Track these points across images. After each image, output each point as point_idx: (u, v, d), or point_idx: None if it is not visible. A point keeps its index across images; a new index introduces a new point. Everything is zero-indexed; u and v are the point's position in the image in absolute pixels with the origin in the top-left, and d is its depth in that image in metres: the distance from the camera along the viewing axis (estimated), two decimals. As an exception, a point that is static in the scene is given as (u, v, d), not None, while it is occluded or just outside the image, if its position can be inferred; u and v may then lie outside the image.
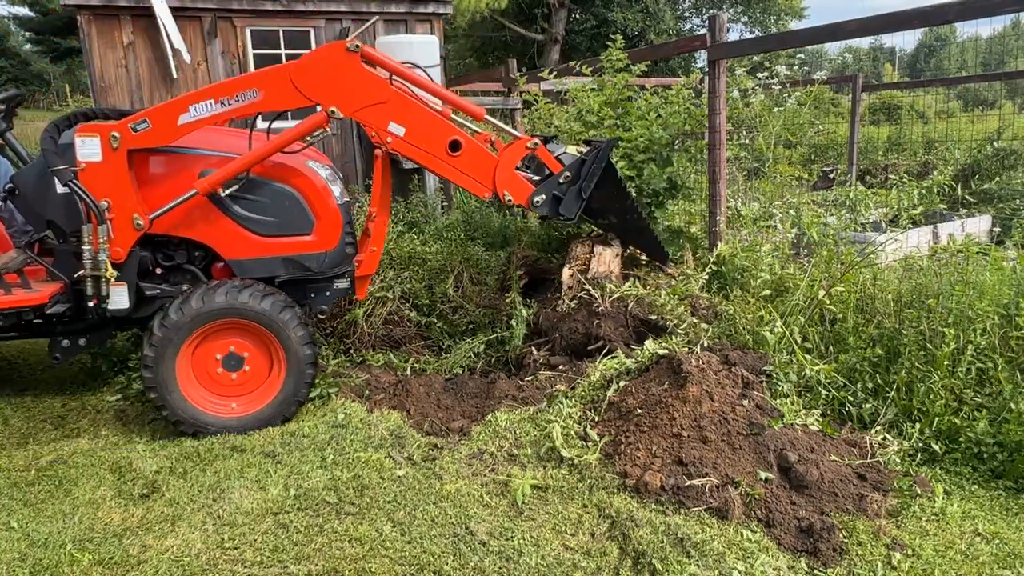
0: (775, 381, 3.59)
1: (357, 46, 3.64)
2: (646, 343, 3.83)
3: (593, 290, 4.32)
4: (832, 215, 5.14)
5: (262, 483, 3.26)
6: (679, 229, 5.37)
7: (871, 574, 2.57)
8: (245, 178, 3.81)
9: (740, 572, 2.57)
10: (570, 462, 3.26)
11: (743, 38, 17.50)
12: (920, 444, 3.33)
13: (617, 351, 3.94)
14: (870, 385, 3.62)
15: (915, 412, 3.46)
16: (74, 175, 3.57)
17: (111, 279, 3.69)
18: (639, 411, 3.33)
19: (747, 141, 5.52)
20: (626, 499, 3.00)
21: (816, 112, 14.62)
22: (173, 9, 7.26)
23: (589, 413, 3.56)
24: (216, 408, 3.81)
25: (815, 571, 2.60)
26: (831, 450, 3.20)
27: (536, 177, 4.11)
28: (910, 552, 2.68)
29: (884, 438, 3.37)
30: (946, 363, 3.44)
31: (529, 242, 5.65)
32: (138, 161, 3.76)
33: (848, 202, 5.38)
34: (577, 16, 26.00)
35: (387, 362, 4.73)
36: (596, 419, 3.51)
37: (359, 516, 3.00)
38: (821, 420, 3.46)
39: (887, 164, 11.18)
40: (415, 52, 6.94)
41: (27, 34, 36.06)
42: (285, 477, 3.31)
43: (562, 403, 3.63)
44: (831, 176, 8.77)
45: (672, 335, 3.97)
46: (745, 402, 3.30)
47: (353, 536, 2.86)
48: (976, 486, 3.11)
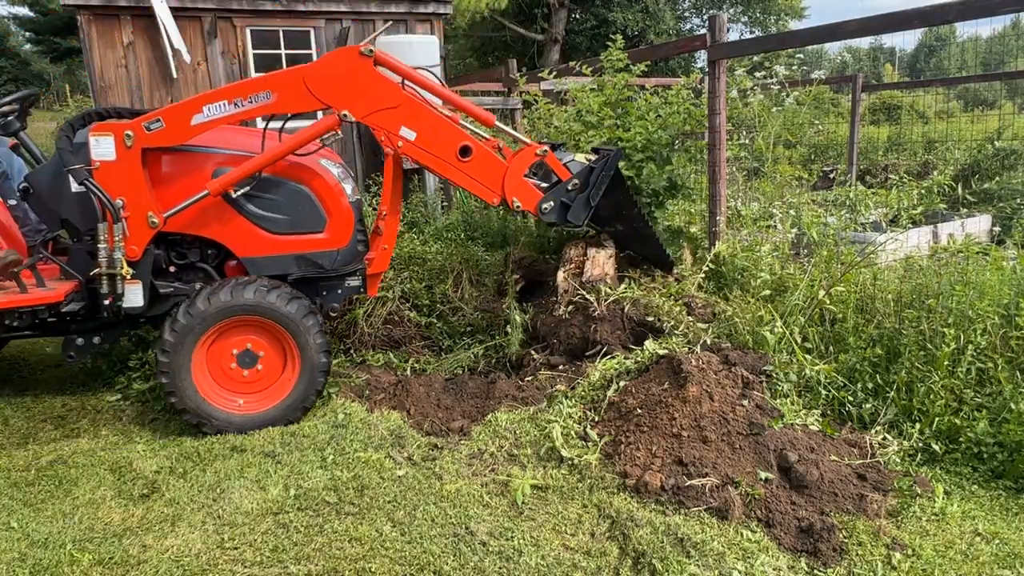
0: (775, 381, 3.59)
1: (371, 50, 3.65)
2: (646, 343, 3.83)
3: (588, 294, 4.30)
4: (832, 215, 5.14)
5: (262, 483, 3.26)
6: (679, 229, 5.37)
7: (871, 574, 2.57)
8: (257, 179, 3.83)
9: (740, 572, 2.57)
10: (570, 462, 3.26)
11: (743, 38, 17.52)
12: (920, 444, 3.33)
13: (616, 353, 3.94)
14: (870, 385, 3.62)
15: (915, 412, 3.46)
16: (89, 174, 3.58)
17: (126, 277, 3.70)
18: (639, 411, 3.33)
19: (747, 141, 5.52)
20: (626, 499, 3.00)
21: (816, 112, 14.63)
22: (173, 9, 7.25)
23: (589, 413, 3.56)
24: (223, 402, 3.81)
25: (815, 571, 2.60)
26: (831, 450, 3.20)
27: (544, 184, 4.12)
28: (910, 552, 2.68)
29: (884, 438, 3.37)
30: (946, 363, 3.44)
31: (527, 243, 5.65)
32: (152, 160, 3.77)
33: (848, 202, 5.39)
34: (577, 16, 25.99)
35: (387, 362, 4.73)
36: (596, 419, 3.51)
37: (359, 516, 3.00)
38: (821, 420, 3.46)
39: (887, 164, 11.17)
40: (415, 52, 6.93)
41: (27, 34, 36.05)
42: (285, 477, 3.31)
43: (562, 403, 3.63)
44: (831, 176, 8.77)
45: (670, 336, 3.96)
46: (745, 402, 3.30)
47: (353, 536, 2.86)
48: (976, 486, 3.11)
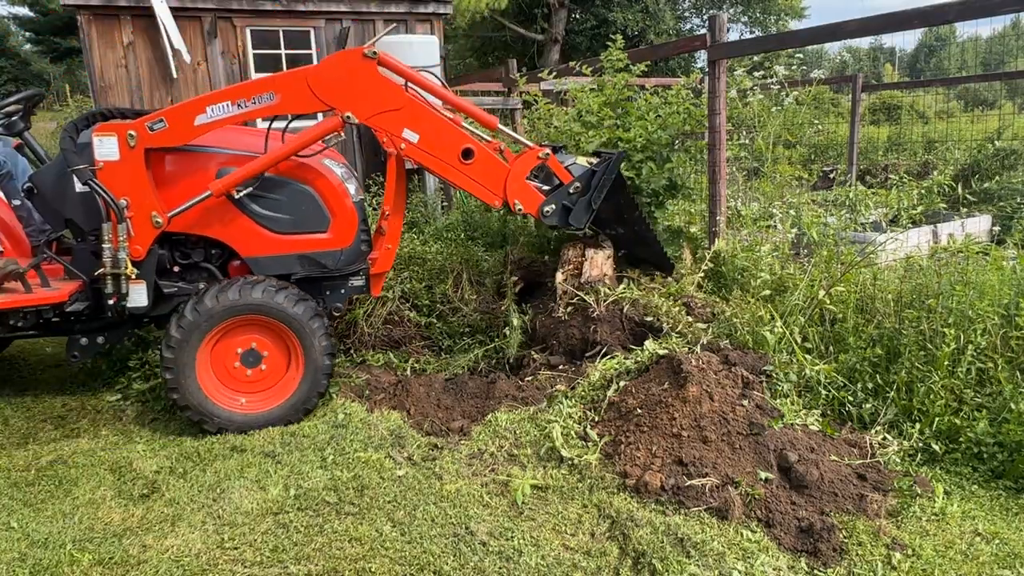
0: (775, 381, 3.59)
1: (375, 52, 3.66)
2: (646, 343, 3.83)
3: (587, 295, 4.29)
4: (832, 215, 5.14)
5: (262, 483, 3.26)
6: (679, 229, 5.36)
7: (871, 574, 2.57)
8: (259, 180, 3.83)
9: (740, 572, 2.57)
10: (570, 462, 3.26)
11: (743, 38, 17.52)
12: (920, 444, 3.33)
13: (616, 353, 3.93)
14: (870, 385, 3.62)
15: (915, 412, 3.46)
16: (93, 174, 3.59)
17: (131, 277, 3.71)
18: (639, 411, 3.33)
19: (747, 141, 5.52)
20: (626, 499, 3.00)
21: (816, 112, 14.62)
22: (173, 9, 7.25)
23: (589, 413, 3.56)
24: (225, 401, 3.82)
25: (815, 571, 2.60)
26: (831, 450, 3.20)
27: (545, 187, 4.13)
28: (910, 552, 2.68)
29: (884, 438, 3.37)
30: (946, 363, 3.44)
31: (527, 243, 5.64)
32: (155, 159, 3.78)
33: (848, 202, 5.39)
34: (577, 16, 25.98)
35: (387, 362, 4.73)
36: (596, 419, 3.51)
37: (359, 516, 3.00)
38: (821, 420, 3.46)
39: (887, 164, 11.17)
40: (415, 52, 6.93)
41: (27, 34, 36.04)
42: (285, 477, 3.31)
43: (562, 403, 3.63)
44: (831, 176, 8.77)
45: (669, 336, 3.96)
46: (745, 402, 3.30)
47: (353, 536, 2.86)
48: (976, 486, 3.11)
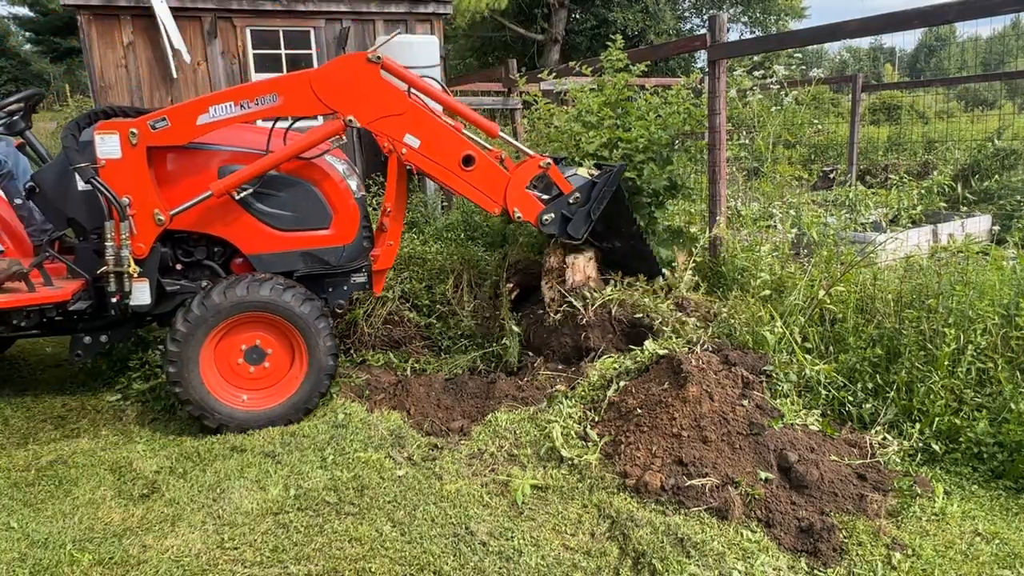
0: (775, 381, 3.59)
1: (379, 57, 3.67)
2: (646, 343, 3.83)
3: (575, 301, 4.25)
4: (832, 215, 5.14)
5: (262, 483, 3.26)
6: (679, 229, 5.36)
7: (871, 574, 2.57)
8: (260, 181, 3.84)
9: (740, 572, 2.57)
10: (570, 462, 3.26)
11: (743, 38, 17.52)
12: (920, 444, 3.33)
13: (611, 356, 3.93)
14: (870, 385, 3.62)
15: (915, 412, 3.46)
16: (95, 172, 3.59)
17: (133, 275, 3.71)
18: (639, 411, 3.33)
19: (747, 141, 5.52)
20: (626, 499, 3.00)
21: (816, 112, 14.61)
22: (173, 9, 7.25)
23: (589, 413, 3.56)
24: (227, 397, 3.82)
25: (815, 571, 2.60)
26: (831, 450, 3.20)
27: (545, 196, 4.14)
28: (910, 552, 2.68)
29: (884, 438, 3.37)
30: (946, 363, 3.44)
31: (526, 243, 5.64)
32: (157, 157, 3.78)
33: (848, 202, 5.39)
34: (577, 16, 25.97)
35: (387, 362, 4.73)
36: (596, 419, 3.51)
37: (359, 516, 3.00)
38: (821, 420, 3.46)
39: (887, 164, 11.16)
40: (415, 52, 6.92)
41: (27, 34, 36.05)
42: (285, 477, 3.31)
43: (562, 403, 3.63)
44: (831, 176, 8.77)
45: (661, 330, 3.94)
46: (745, 402, 3.30)
47: (353, 536, 2.86)
48: (976, 486, 3.11)
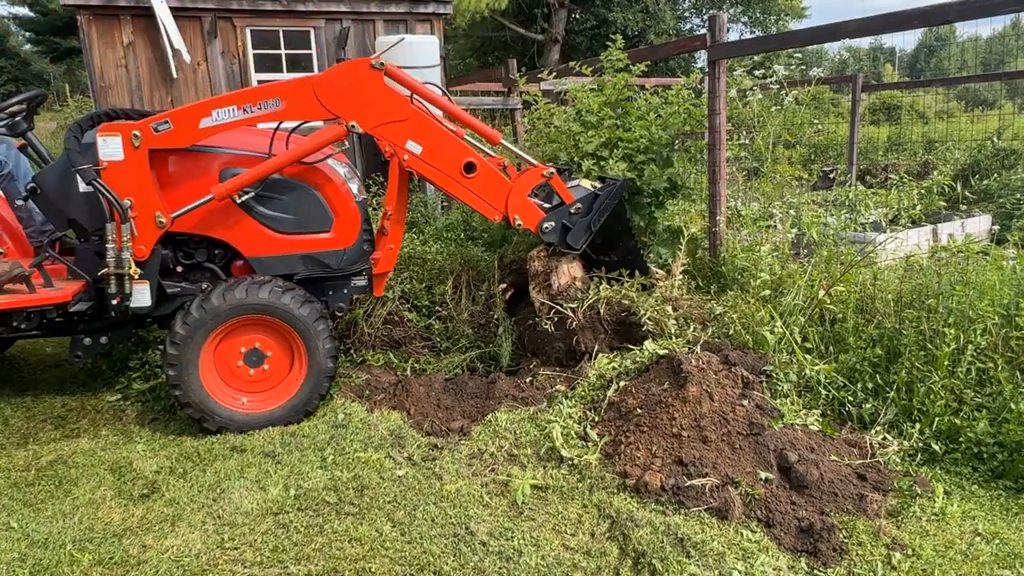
0: (775, 381, 3.59)
1: (382, 63, 3.67)
2: (645, 343, 3.82)
3: (564, 304, 4.22)
4: (832, 215, 5.14)
5: (262, 483, 3.26)
6: (679, 229, 5.35)
7: (871, 574, 2.57)
8: (262, 184, 3.84)
9: (740, 572, 2.57)
10: (570, 462, 3.26)
11: (743, 38, 17.52)
12: (920, 444, 3.33)
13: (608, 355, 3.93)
14: (870, 385, 3.62)
15: (915, 412, 3.46)
16: (97, 174, 3.60)
17: (134, 277, 3.71)
18: (639, 411, 3.33)
19: (747, 141, 5.51)
20: (626, 499, 3.00)
21: (816, 112, 14.62)
22: (173, 9, 7.25)
23: (589, 413, 3.56)
24: (227, 400, 3.82)
25: (815, 571, 2.60)
26: (831, 450, 3.20)
27: (546, 205, 4.15)
28: (910, 552, 2.68)
29: (884, 438, 3.37)
30: (946, 363, 3.44)
31: (520, 242, 5.63)
32: (159, 159, 3.79)
33: (848, 202, 5.39)
34: (577, 16, 25.97)
35: (387, 362, 4.73)
36: (596, 419, 3.51)
37: (359, 516, 3.00)
38: (821, 420, 3.46)
39: (887, 164, 11.17)
40: (415, 52, 6.93)
41: (27, 34, 36.03)
42: (285, 477, 3.31)
43: (562, 403, 3.63)
44: (831, 176, 8.77)
45: (646, 326, 3.93)
46: (745, 402, 3.30)
47: (353, 536, 2.86)
48: (976, 486, 3.11)
